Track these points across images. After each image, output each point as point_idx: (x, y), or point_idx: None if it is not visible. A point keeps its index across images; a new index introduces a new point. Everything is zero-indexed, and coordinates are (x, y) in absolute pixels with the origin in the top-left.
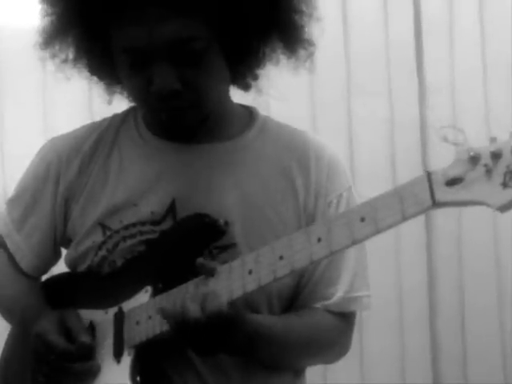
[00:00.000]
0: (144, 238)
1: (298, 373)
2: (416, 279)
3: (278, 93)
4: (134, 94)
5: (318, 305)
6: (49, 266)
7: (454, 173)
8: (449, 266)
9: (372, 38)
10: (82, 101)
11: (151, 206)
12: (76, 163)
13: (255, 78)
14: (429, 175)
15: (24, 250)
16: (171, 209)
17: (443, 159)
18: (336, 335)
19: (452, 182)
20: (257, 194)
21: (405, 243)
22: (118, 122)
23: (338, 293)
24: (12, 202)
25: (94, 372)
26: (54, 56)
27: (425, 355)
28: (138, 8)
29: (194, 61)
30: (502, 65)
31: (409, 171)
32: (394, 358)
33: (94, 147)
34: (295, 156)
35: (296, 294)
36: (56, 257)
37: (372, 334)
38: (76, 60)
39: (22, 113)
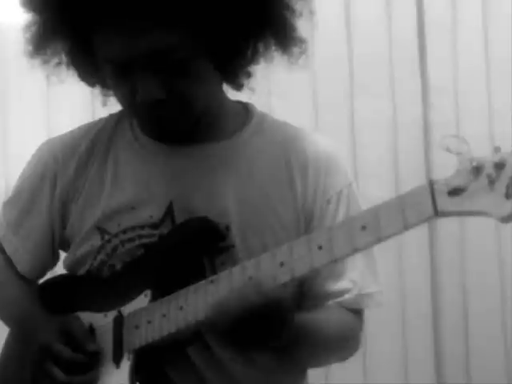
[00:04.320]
0: (143, 241)
1: (301, 374)
2: (419, 281)
3: (280, 92)
4: (121, 103)
5: (332, 302)
6: (46, 268)
7: (457, 183)
8: (452, 268)
9: (375, 38)
10: (85, 101)
11: (149, 209)
12: (72, 165)
13: (248, 76)
14: (431, 185)
15: (21, 252)
16: (169, 212)
17: (446, 159)
18: (353, 332)
19: (454, 192)
20: (255, 194)
21: (408, 245)
22: (113, 123)
23: (353, 290)
24: (8, 204)
25: (94, 380)
26: (45, 62)
27: (428, 357)
28: (117, 20)
29: (177, 70)
30: (505, 65)
31: (412, 171)
32: (397, 360)
33: (90, 148)
34: (293, 153)
35: (305, 291)
36: (54, 259)
37: (375, 335)
38: (68, 64)
39: (26, 113)
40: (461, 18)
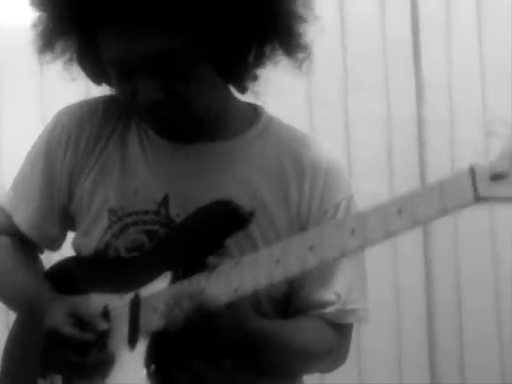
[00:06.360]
0: (146, 228)
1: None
2: (413, 279)
3: (274, 90)
4: (123, 102)
5: (314, 312)
6: (56, 239)
7: (499, 168)
8: (446, 266)
9: (369, 35)
10: (79, 98)
11: (148, 198)
12: (87, 129)
13: (254, 79)
14: (473, 169)
15: (30, 216)
16: (163, 204)
17: (440, 157)
18: (332, 345)
19: (496, 178)
20: (249, 198)
21: (402, 243)
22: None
23: (336, 304)
24: (20, 173)
25: (110, 362)
26: (55, 59)
27: (422, 355)
28: (116, 22)
29: (177, 72)
30: (499, 62)
31: (405, 168)
32: (391, 359)
33: (107, 118)
34: (292, 160)
35: (290, 299)
36: (63, 231)
37: (369, 334)
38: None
39: (20, 111)
40: (455, 16)
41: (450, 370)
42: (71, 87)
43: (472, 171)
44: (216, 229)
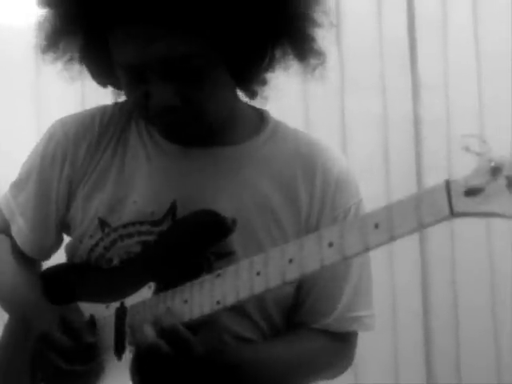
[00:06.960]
0: (142, 239)
1: None
2: (409, 278)
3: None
4: (133, 105)
5: (317, 324)
6: (50, 249)
7: (474, 183)
8: (442, 264)
9: (365, 33)
10: (74, 97)
11: (152, 206)
12: (83, 146)
13: (263, 83)
14: (448, 184)
15: (25, 232)
16: (171, 211)
17: (436, 155)
18: (332, 357)
19: (471, 192)
20: (258, 202)
21: (398, 241)
22: (129, 112)
23: (337, 312)
24: (18, 185)
25: (97, 372)
26: (57, 58)
27: (418, 353)
28: (127, 25)
29: (191, 77)
30: (495, 60)
31: (402, 167)
32: (387, 358)
33: (103, 133)
34: (301, 165)
35: (295, 309)
36: (57, 242)
37: (365, 333)
38: (81, 61)
39: (14, 109)
40: (451, 14)
41: (447, 368)
42: (67, 87)
43: (447, 186)
44: (200, 239)
